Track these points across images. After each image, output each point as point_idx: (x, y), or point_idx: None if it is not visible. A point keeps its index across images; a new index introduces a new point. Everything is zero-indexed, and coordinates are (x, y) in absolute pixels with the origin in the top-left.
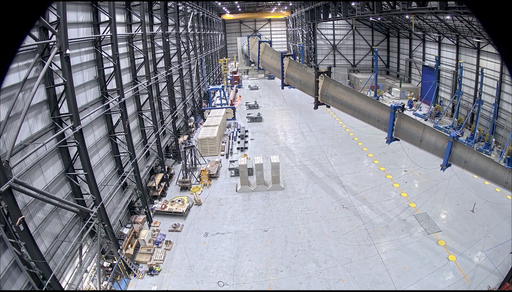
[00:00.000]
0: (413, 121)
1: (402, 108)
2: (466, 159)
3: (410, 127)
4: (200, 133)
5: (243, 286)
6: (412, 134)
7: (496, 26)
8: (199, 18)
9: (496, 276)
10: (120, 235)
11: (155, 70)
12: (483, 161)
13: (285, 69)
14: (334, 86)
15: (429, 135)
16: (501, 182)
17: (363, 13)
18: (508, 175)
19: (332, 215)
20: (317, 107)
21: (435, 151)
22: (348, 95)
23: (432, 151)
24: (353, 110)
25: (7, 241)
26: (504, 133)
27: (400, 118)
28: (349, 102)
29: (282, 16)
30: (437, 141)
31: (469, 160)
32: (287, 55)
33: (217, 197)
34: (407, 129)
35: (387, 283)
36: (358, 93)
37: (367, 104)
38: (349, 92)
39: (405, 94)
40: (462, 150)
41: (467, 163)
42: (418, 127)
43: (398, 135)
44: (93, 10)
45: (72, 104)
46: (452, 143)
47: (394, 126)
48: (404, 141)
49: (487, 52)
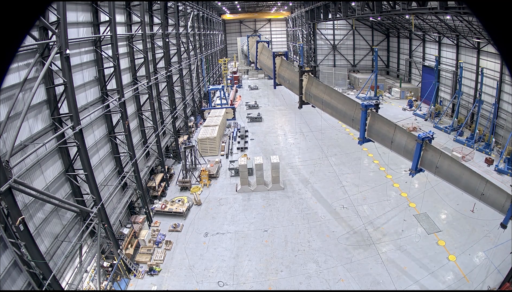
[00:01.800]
0: (385, 120)
1: (375, 106)
2: (438, 164)
3: (382, 127)
4: (200, 133)
5: (243, 286)
6: (383, 135)
7: (496, 26)
8: (199, 18)
9: (496, 276)
10: (120, 235)
11: (155, 70)
12: (457, 168)
13: (277, 68)
14: (316, 85)
15: (400, 136)
16: (476, 193)
17: (363, 13)
18: (484, 185)
19: (332, 215)
20: (301, 106)
21: (406, 153)
22: (327, 93)
23: (403, 153)
24: (331, 109)
25: (7, 241)
26: (504, 133)
27: (372, 118)
28: (328, 101)
29: (282, 16)
30: (408, 143)
31: (440, 165)
32: (279, 54)
33: (217, 197)
34: (379, 130)
35: (387, 283)
36: (336, 92)
37: (343, 103)
38: (328, 91)
39: (405, 94)
40: (433, 154)
41: (438, 169)
42: (390, 127)
43: (371, 136)
44: (93, 10)
45: (72, 104)
46: (421, 146)
47: (366, 126)
48: (377, 142)
49: (487, 52)
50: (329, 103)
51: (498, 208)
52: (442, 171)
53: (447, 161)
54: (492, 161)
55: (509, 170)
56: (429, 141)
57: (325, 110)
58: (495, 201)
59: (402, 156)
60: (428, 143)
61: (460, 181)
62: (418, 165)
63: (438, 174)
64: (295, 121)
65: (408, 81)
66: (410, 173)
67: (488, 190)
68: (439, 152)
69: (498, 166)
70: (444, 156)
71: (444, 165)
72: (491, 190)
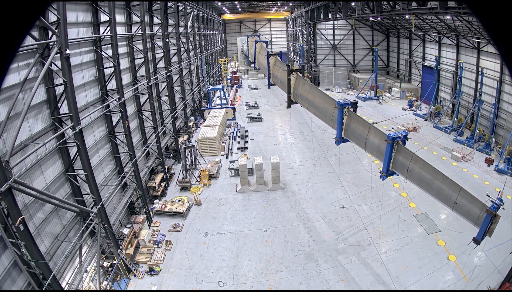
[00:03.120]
0: (360, 120)
1: (353, 105)
2: (409, 167)
3: (357, 127)
4: (200, 133)
5: (243, 286)
6: (358, 135)
7: (496, 26)
8: (199, 18)
9: (496, 276)
10: (120, 235)
11: (155, 70)
12: (429, 171)
13: (272, 68)
14: (303, 84)
15: (373, 136)
16: (449, 202)
17: (363, 13)
18: (457, 193)
19: (332, 215)
20: (290, 106)
21: (379, 154)
22: (311, 93)
23: (376, 154)
24: (314, 108)
25: (7, 241)
26: (504, 133)
27: (349, 118)
28: (312, 100)
29: (282, 16)
30: (381, 143)
31: (412, 168)
32: (273, 54)
33: (217, 197)
34: (354, 129)
35: (387, 283)
36: (318, 91)
37: (324, 101)
38: (312, 90)
39: (405, 94)
40: (405, 156)
41: (410, 172)
42: (364, 127)
43: (348, 135)
44: (93, 10)
45: (72, 104)
46: (391, 147)
47: (343, 126)
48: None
49: (487, 52)
50: (312, 102)
51: (472, 220)
52: (414, 174)
53: (419, 163)
54: (492, 161)
55: (509, 170)
56: (403, 142)
57: (309, 109)
58: (469, 211)
59: (376, 157)
60: (400, 144)
61: (432, 187)
62: (389, 167)
63: (410, 177)
64: (295, 121)
65: (408, 81)
66: (380, 176)
67: (462, 199)
68: (411, 153)
69: (498, 166)
70: (416, 158)
71: (416, 168)
72: (465, 198)
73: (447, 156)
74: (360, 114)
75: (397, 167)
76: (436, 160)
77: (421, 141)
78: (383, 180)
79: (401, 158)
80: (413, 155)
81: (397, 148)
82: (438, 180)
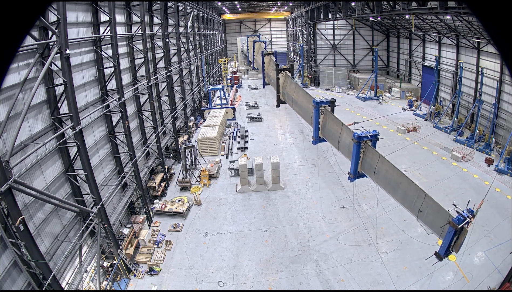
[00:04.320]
0: (335, 119)
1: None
2: (376, 169)
3: (332, 126)
4: (200, 133)
5: (243, 286)
6: (333, 134)
7: (496, 26)
8: (199, 18)
9: (496, 276)
10: (120, 235)
11: (155, 70)
12: (394, 174)
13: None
14: (290, 84)
15: (345, 135)
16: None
17: (363, 13)
18: (422, 200)
19: (332, 215)
20: (279, 105)
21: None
22: (295, 92)
23: (347, 154)
24: (298, 107)
25: (7, 241)
26: (504, 133)
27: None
28: (296, 99)
29: (282, 16)
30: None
31: (379, 170)
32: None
33: (217, 197)
34: (329, 129)
35: (387, 283)
36: (302, 90)
37: (306, 101)
38: (296, 89)
39: (405, 94)
40: (372, 157)
41: (376, 174)
42: (338, 126)
43: (324, 135)
44: (93, 10)
45: (72, 104)
46: (359, 146)
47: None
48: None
49: (487, 52)
50: (296, 101)
51: (437, 231)
52: (380, 177)
53: (385, 165)
54: (492, 161)
55: (509, 170)
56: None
57: (294, 108)
58: (433, 221)
59: (347, 158)
60: (368, 145)
61: (397, 191)
62: (358, 168)
63: (377, 180)
64: (295, 121)
65: (408, 81)
66: (348, 177)
67: (427, 207)
68: (378, 154)
69: (498, 166)
70: (382, 159)
71: (382, 170)
72: (430, 207)
73: (447, 156)
74: (360, 114)
75: (365, 168)
76: (436, 160)
77: (421, 141)
78: (351, 181)
79: (369, 159)
80: (380, 156)
81: (365, 148)
82: (404, 184)
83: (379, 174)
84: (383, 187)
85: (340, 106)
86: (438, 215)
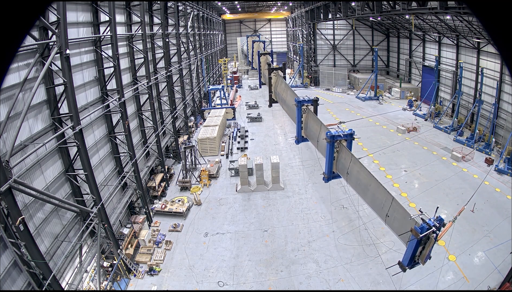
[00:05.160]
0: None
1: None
2: (349, 170)
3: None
4: (200, 133)
5: (243, 286)
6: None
7: (496, 26)
8: (199, 18)
9: (496, 276)
10: (120, 235)
11: (155, 70)
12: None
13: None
14: (280, 83)
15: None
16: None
17: (363, 13)
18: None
19: (332, 215)
20: (271, 105)
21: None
22: (284, 91)
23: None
24: (286, 107)
25: (7, 241)
26: (504, 133)
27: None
28: (284, 98)
29: (282, 16)
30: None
31: (351, 171)
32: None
33: (217, 197)
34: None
35: (387, 283)
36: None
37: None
38: (285, 88)
39: (405, 94)
40: (346, 157)
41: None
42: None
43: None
44: (93, 10)
45: (72, 104)
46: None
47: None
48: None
49: (487, 52)
50: (285, 100)
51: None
52: (352, 177)
53: (356, 166)
54: (492, 161)
55: (509, 170)
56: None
57: (284, 108)
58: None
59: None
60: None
61: (367, 193)
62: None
63: (349, 181)
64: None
65: (408, 81)
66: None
67: (394, 212)
68: (350, 155)
69: (498, 166)
70: (354, 160)
71: (354, 171)
72: (397, 212)
73: (447, 156)
74: (360, 114)
75: (339, 168)
76: (436, 160)
77: (421, 141)
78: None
79: (343, 159)
80: (352, 156)
81: (339, 148)
82: (372, 187)
83: (351, 175)
84: (355, 189)
85: (340, 106)
86: (403, 221)
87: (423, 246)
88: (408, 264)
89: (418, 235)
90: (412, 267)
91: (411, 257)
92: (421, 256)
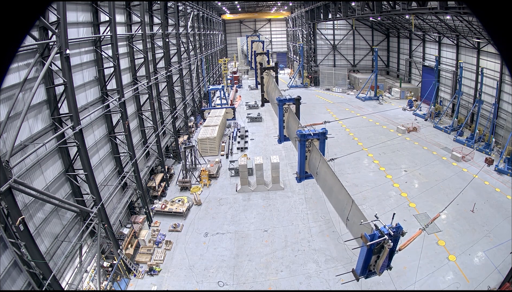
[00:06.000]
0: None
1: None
2: (318, 170)
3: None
4: (200, 133)
5: (243, 286)
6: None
7: (496, 26)
8: (199, 18)
9: (496, 276)
10: (120, 235)
11: (155, 70)
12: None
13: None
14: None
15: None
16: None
17: (363, 13)
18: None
19: (332, 214)
20: (263, 104)
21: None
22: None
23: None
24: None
25: (7, 241)
26: (504, 133)
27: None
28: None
29: (282, 16)
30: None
31: (319, 171)
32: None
33: (217, 197)
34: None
35: (387, 283)
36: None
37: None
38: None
39: (405, 94)
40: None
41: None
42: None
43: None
44: (93, 10)
45: (72, 104)
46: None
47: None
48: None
49: (487, 52)
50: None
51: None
52: (320, 178)
53: (324, 167)
54: (492, 161)
55: (509, 170)
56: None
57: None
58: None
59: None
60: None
61: (331, 195)
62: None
63: (318, 181)
64: None
65: (408, 81)
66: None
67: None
68: (320, 155)
69: (498, 166)
70: (323, 160)
71: (322, 172)
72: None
73: (447, 156)
74: (360, 114)
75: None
76: (436, 160)
77: (421, 142)
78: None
79: (313, 159)
80: (321, 156)
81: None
82: (336, 188)
83: (319, 175)
84: (322, 190)
85: (340, 106)
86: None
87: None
88: (361, 273)
89: (367, 243)
90: (367, 276)
91: (364, 266)
92: (376, 265)
